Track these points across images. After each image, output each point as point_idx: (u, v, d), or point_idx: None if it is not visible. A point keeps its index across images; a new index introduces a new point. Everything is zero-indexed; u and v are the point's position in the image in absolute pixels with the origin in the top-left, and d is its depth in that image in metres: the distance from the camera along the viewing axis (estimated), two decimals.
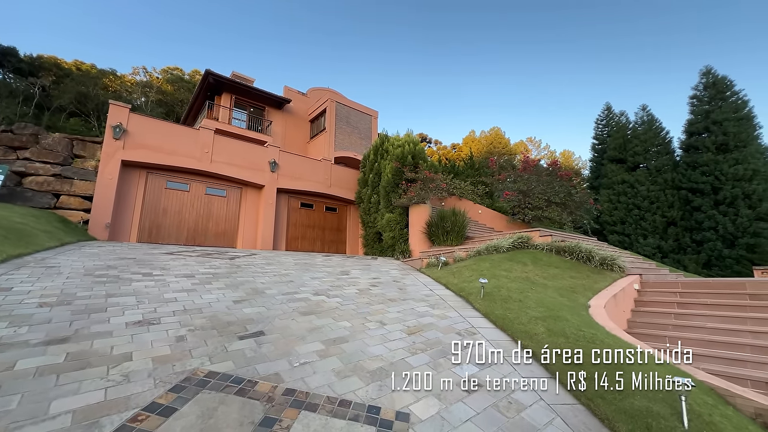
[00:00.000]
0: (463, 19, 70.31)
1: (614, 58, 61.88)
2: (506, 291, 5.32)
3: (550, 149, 43.17)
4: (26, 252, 5.43)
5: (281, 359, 2.87)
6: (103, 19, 46.42)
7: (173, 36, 55.97)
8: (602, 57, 63.52)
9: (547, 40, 66.10)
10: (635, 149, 20.31)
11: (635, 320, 6.14)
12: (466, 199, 15.87)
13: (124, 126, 9.75)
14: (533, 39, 66.49)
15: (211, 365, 2.66)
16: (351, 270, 7.33)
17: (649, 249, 18.09)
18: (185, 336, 3.10)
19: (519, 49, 68.92)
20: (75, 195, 9.08)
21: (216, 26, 64.13)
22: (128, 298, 3.90)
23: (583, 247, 7.62)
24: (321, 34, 75.08)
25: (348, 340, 3.38)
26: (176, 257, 6.83)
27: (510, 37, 68.73)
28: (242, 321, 3.61)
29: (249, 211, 12.37)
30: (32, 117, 24.62)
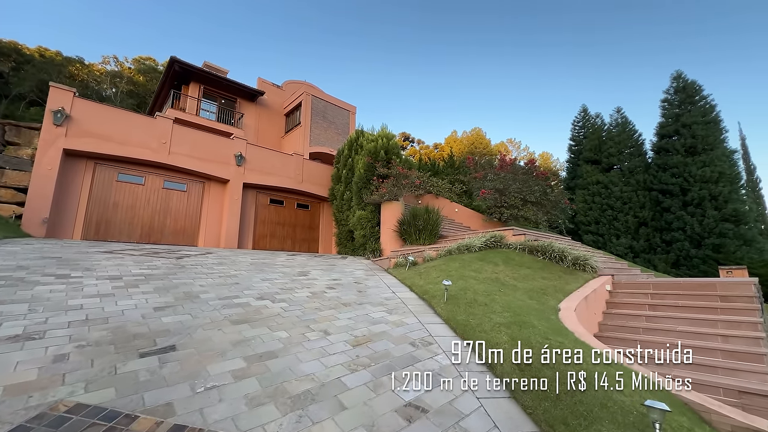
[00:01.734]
0: (447, 20, 70.53)
1: (593, 61, 63.53)
2: (472, 294, 4.93)
3: (529, 150, 43.72)
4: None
5: (183, 383, 2.33)
6: (109, 14, 44.03)
7: (173, 32, 53.41)
8: (581, 60, 65.14)
9: (527, 43, 67.19)
10: (609, 150, 20.60)
11: (606, 323, 5.89)
12: (443, 197, 15.57)
13: (66, 111, 8.82)
14: (516, 42, 67.44)
15: (84, 394, 2.09)
16: (312, 270, 6.79)
17: (621, 249, 18.35)
18: (68, 354, 2.51)
19: (501, 51, 69.77)
20: (6, 186, 8.13)
21: (209, 20, 61.68)
22: (19, 305, 3.24)
23: (555, 247, 7.36)
24: (315, 31, 73.63)
25: (278, 355, 2.87)
26: (114, 256, 6.11)
27: (492, 39, 69.47)
28: (154, 333, 3.03)
29: (212, 207, 11.58)
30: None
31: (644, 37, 59.59)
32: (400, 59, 76.42)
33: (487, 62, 70.61)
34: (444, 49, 72.99)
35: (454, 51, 72.33)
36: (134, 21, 49.32)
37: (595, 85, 65.41)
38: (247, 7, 68.43)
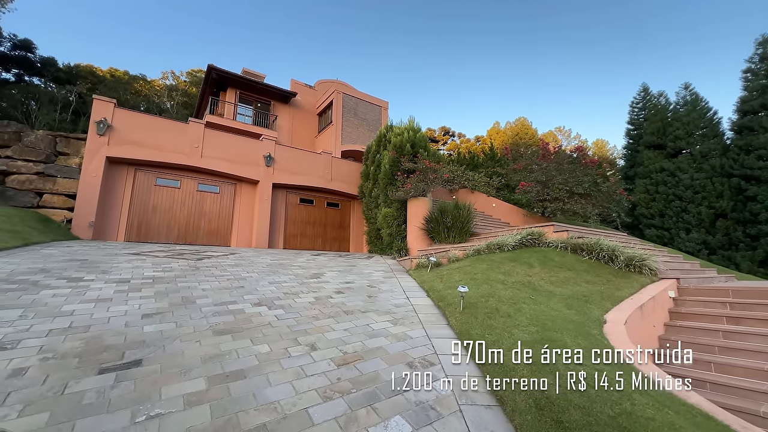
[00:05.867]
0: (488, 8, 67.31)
1: (656, 35, 56.79)
2: (495, 301, 4.26)
3: (580, 139, 40.33)
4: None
5: (126, 409, 2.05)
6: (167, 31, 48.53)
7: (210, 39, 57.50)
8: (641, 32, 58.53)
9: (578, 23, 61.77)
10: (676, 133, 18.04)
11: (669, 337, 4.86)
12: (479, 191, 14.63)
13: (108, 121, 9.41)
14: (567, 23, 62.42)
15: (14, 419, 1.88)
16: (327, 272, 6.48)
17: (692, 245, 15.97)
18: (27, 369, 2.36)
19: (548, 37, 65.02)
20: (58, 193, 8.84)
21: (240, 25, 65.26)
22: (13, 311, 3.25)
23: (604, 244, 6.33)
24: (343, 27, 74.60)
25: (246, 375, 2.52)
26: (137, 258, 6.28)
27: (543, 24, 64.97)
28: (128, 344, 2.84)
29: (243, 208, 11.83)
30: (70, 123, 25.79)
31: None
32: (440, 52, 74.49)
33: (536, 47, 66.26)
34: (484, 40, 69.81)
35: (497, 40, 68.88)
36: (187, 34, 53.30)
37: (658, 63, 58.47)
38: (282, 11, 70.81)
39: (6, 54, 27.12)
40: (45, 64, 28.97)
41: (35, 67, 28.57)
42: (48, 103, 26.13)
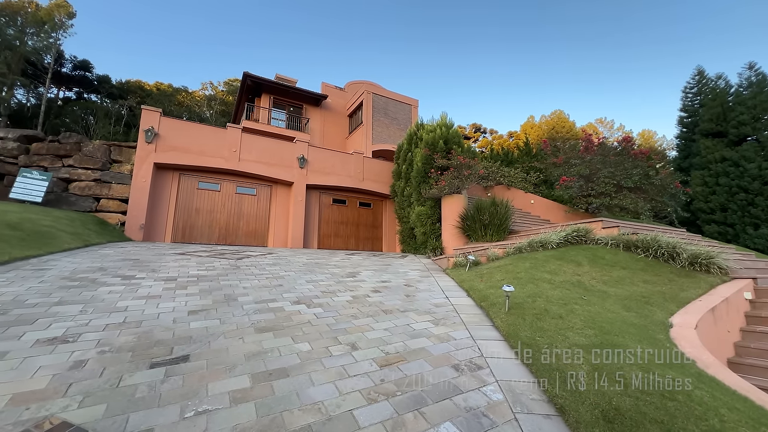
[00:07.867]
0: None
1: (709, 15, 51.96)
2: (544, 302, 3.97)
3: (624, 130, 37.75)
4: (35, 254, 5.46)
5: (175, 404, 2.07)
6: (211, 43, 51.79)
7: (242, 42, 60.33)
8: (693, 14, 53.83)
9: (619, 14, 57.88)
10: (740, 118, 16.29)
11: (748, 345, 4.30)
12: (516, 187, 14.01)
13: (155, 129, 10.00)
14: (609, 15, 58.76)
15: (75, 410, 1.95)
16: (362, 271, 6.43)
17: (762, 242, 14.35)
18: (86, 361, 2.47)
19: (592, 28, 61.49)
20: (113, 198, 9.53)
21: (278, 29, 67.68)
22: (75, 306, 3.46)
23: (663, 241, 5.78)
24: (375, 24, 75.00)
25: (289, 374, 2.48)
26: (183, 257, 6.57)
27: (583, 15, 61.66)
28: (176, 340, 2.91)
29: (279, 210, 12.14)
30: (122, 134, 28.02)
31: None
32: (468, 48, 72.82)
33: (571, 38, 62.96)
34: (523, 32, 67.29)
35: (515, 33, 66.18)
36: (224, 45, 56.06)
37: (712, 43, 53.38)
38: (311, 13, 72.37)
39: (69, 75, 29.92)
40: (101, 82, 31.68)
41: (92, 84, 31.28)
42: (104, 117, 28.51)
